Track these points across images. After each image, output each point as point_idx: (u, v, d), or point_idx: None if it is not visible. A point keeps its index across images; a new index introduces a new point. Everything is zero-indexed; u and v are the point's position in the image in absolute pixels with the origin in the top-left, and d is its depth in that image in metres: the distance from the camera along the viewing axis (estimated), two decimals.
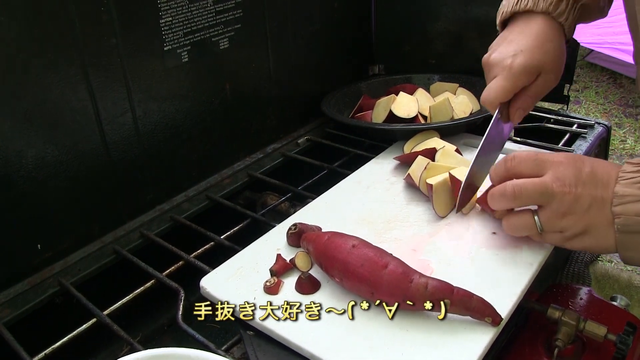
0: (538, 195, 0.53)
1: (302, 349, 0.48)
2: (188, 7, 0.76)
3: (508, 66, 0.61)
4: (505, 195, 0.55)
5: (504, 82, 0.62)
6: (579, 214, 0.51)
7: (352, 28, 1.08)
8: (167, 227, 0.77)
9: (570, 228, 0.53)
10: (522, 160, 0.55)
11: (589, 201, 0.51)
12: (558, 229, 0.53)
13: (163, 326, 0.80)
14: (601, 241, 0.52)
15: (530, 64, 0.61)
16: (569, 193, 0.51)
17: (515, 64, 0.61)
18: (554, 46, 0.63)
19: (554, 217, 0.53)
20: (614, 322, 0.60)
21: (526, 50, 0.62)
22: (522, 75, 0.61)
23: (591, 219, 0.51)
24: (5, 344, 0.57)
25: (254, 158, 0.93)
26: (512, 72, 0.61)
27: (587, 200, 0.51)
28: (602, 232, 0.51)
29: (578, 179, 0.52)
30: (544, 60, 0.62)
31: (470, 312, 0.48)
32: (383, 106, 0.91)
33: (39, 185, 0.65)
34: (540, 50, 0.62)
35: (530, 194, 0.53)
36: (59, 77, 0.64)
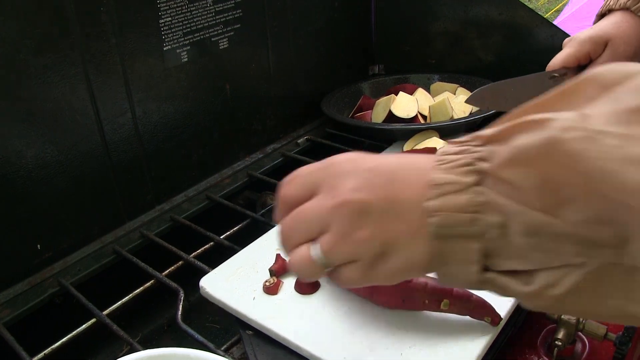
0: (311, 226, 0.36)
1: (302, 349, 0.48)
2: (188, 7, 0.76)
3: (575, 37, 0.67)
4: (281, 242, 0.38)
5: (568, 49, 0.67)
6: (370, 226, 0.34)
7: (352, 28, 1.08)
8: (167, 227, 0.77)
9: (363, 250, 0.34)
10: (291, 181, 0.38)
11: (384, 206, 0.34)
12: (347, 256, 0.35)
13: (163, 326, 0.80)
14: (411, 258, 0.34)
15: (596, 34, 0.66)
16: (348, 204, 0.34)
17: (582, 34, 0.67)
18: (628, 25, 0.67)
19: (336, 241, 0.35)
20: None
21: (596, 27, 0.67)
22: (587, 43, 0.66)
23: (390, 229, 0.34)
24: (5, 344, 0.57)
25: (254, 158, 0.93)
26: (577, 40, 0.67)
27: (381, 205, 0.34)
28: (410, 246, 0.34)
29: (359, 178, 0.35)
30: (612, 32, 0.66)
31: (470, 312, 0.48)
32: (383, 106, 0.91)
33: (39, 185, 0.65)
34: (611, 25, 0.67)
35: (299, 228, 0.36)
36: (59, 77, 0.65)
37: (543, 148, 0.29)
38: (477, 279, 0.32)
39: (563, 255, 0.29)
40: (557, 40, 0.91)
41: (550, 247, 0.29)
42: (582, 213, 0.28)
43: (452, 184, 0.32)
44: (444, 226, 0.32)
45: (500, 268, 0.31)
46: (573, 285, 0.29)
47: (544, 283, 0.30)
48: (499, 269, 0.32)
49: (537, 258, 0.30)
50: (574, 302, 0.30)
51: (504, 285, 0.32)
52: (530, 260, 0.30)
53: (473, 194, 0.31)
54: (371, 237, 0.34)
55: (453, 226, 0.31)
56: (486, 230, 0.31)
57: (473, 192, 0.31)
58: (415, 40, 1.08)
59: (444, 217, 0.32)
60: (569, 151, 0.28)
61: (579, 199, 0.28)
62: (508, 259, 0.31)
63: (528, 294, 0.31)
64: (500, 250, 0.31)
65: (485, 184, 0.31)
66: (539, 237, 0.29)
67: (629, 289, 0.28)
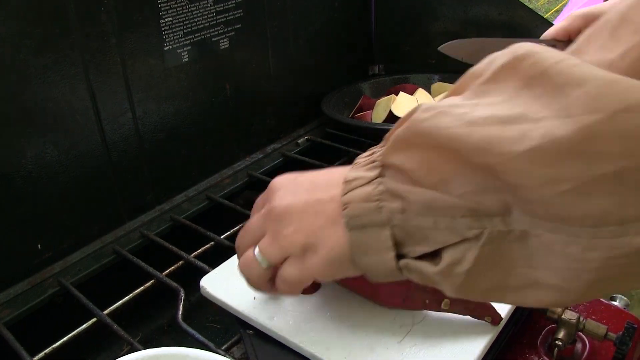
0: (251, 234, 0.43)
1: (302, 349, 0.48)
2: (188, 7, 0.76)
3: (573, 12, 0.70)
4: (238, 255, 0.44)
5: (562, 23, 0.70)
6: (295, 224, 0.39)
7: (352, 28, 1.08)
8: (167, 227, 0.77)
9: (290, 245, 0.39)
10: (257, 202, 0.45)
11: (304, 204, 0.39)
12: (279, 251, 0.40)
13: (163, 326, 0.80)
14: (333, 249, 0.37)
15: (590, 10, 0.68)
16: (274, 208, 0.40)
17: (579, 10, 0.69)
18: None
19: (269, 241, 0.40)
20: (613, 321, 0.60)
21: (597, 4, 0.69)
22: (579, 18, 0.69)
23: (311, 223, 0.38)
24: (5, 344, 0.57)
25: (254, 158, 0.93)
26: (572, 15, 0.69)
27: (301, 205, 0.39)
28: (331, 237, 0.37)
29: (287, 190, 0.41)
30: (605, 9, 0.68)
31: (470, 312, 0.48)
32: (383, 106, 0.91)
33: (39, 185, 0.65)
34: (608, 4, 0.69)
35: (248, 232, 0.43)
36: (59, 77, 0.65)
37: (407, 131, 0.33)
38: (395, 266, 0.35)
39: (459, 230, 0.31)
40: None
41: (446, 223, 0.32)
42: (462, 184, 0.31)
43: (359, 179, 0.36)
44: (354, 216, 0.35)
45: (413, 254, 0.34)
46: (476, 258, 0.31)
47: (449, 261, 0.32)
48: (412, 255, 0.34)
49: (438, 237, 0.32)
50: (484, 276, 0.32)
51: (418, 269, 0.34)
52: (433, 240, 0.33)
53: (375, 185, 0.35)
54: (295, 232, 0.38)
55: (362, 215, 0.35)
56: (391, 216, 0.34)
57: (376, 183, 0.35)
58: (415, 40, 1.08)
59: (352, 207, 0.35)
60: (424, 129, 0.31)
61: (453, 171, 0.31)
62: (416, 244, 0.34)
63: (438, 273, 0.33)
64: (407, 236, 0.34)
65: (386, 175, 0.35)
66: (434, 214, 0.32)
67: (527, 255, 0.30)
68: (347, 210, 0.36)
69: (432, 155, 0.31)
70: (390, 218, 0.34)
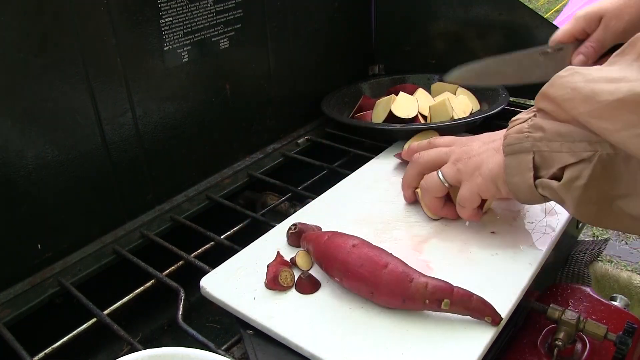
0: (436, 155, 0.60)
1: (302, 349, 0.48)
2: (188, 7, 0.76)
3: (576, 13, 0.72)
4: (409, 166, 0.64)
5: (566, 26, 0.72)
6: (474, 152, 0.56)
7: (352, 28, 1.08)
8: (167, 227, 0.77)
9: (465, 167, 0.56)
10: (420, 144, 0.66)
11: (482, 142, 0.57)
12: (457, 175, 0.57)
13: (163, 326, 0.80)
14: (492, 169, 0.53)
15: (591, 10, 0.70)
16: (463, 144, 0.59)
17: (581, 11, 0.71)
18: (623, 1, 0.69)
19: (451, 166, 0.58)
20: (613, 322, 0.61)
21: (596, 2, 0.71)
22: (582, 19, 0.70)
23: (485, 153, 0.55)
24: (5, 344, 0.57)
25: (254, 158, 0.93)
26: (575, 17, 0.71)
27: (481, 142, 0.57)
28: (493, 160, 0.53)
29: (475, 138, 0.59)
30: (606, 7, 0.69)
31: (470, 312, 0.48)
32: (383, 106, 0.91)
33: (39, 185, 0.65)
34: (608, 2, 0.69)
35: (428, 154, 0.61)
36: (59, 77, 0.65)
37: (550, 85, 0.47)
38: (532, 184, 0.49)
39: (577, 152, 0.44)
40: None
41: (568, 146, 0.45)
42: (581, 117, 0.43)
43: (519, 119, 0.51)
44: (509, 144, 0.50)
45: (545, 176, 0.48)
46: (590, 175, 0.44)
47: (569, 177, 0.45)
48: (545, 176, 0.48)
49: (562, 158, 0.46)
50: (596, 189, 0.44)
51: (548, 185, 0.48)
52: (558, 161, 0.46)
53: (529, 122, 0.49)
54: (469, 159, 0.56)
55: (514, 144, 0.50)
56: (533, 143, 0.48)
57: (529, 120, 0.50)
58: (415, 40, 1.08)
59: (509, 138, 0.51)
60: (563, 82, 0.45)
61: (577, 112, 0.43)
62: (548, 167, 0.47)
63: (561, 187, 0.46)
64: (542, 160, 0.48)
65: (536, 115, 0.49)
66: (561, 139, 0.46)
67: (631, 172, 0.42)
68: (505, 140, 0.51)
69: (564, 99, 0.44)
70: (532, 145, 0.48)
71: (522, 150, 0.49)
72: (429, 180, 0.60)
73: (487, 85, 0.88)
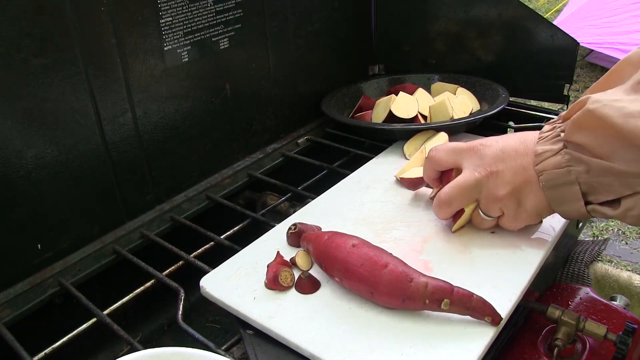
0: (468, 192, 0.56)
1: (302, 349, 0.48)
2: (188, 7, 0.76)
3: None
4: (441, 205, 0.58)
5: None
6: (508, 188, 0.54)
7: (352, 28, 1.08)
8: (167, 227, 0.77)
9: (507, 205, 0.55)
10: (439, 151, 0.60)
11: (511, 173, 0.53)
12: (499, 211, 0.56)
13: (163, 326, 0.80)
14: (537, 205, 0.54)
15: None
16: (491, 174, 0.54)
17: None
18: None
19: (490, 202, 0.56)
20: (613, 322, 0.61)
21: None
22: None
23: (520, 188, 0.53)
24: (5, 344, 0.57)
25: (254, 158, 0.93)
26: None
27: (510, 172, 0.53)
28: (533, 196, 0.53)
29: (495, 158, 0.55)
30: None
31: (470, 312, 0.48)
32: (383, 106, 0.91)
33: (39, 185, 0.65)
34: None
35: (460, 194, 0.57)
36: (59, 77, 0.65)
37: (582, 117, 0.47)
38: (584, 211, 0.51)
39: (632, 186, 0.46)
40: (557, 40, 0.91)
41: (620, 181, 0.46)
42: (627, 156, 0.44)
43: (548, 152, 0.51)
44: (550, 179, 0.51)
45: (597, 201, 0.49)
46: None
47: (625, 207, 0.47)
48: (596, 202, 0.49)
49: (615, 190, 0.47)
50: None
51: (602, 212, 0.50)
52: (612, 192, 0.48)
53: (562, 154, 0.50)
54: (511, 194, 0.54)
55: (555, 178, 0.50)
56: (578, 176, 0.49)
57: (562, 153, 0.50)
58: (415, 40, 1.08)
59: (547, 174, 0.51)
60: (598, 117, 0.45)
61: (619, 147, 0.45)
62: (599, 194, 0.49)
63: (617, 216, 0.48)
64: (591, 189, 0.49)
65: (568, 147, 0.49)
66: (610, 175, 0.46)
67: None
68: (542, 176, 0.51)
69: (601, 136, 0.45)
70: (577, 177, 0.49)
71: (567, 183, 0.50)
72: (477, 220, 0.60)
73: None
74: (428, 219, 0.65)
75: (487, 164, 0.55)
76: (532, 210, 0.54)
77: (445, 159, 0.59)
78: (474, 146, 0.57)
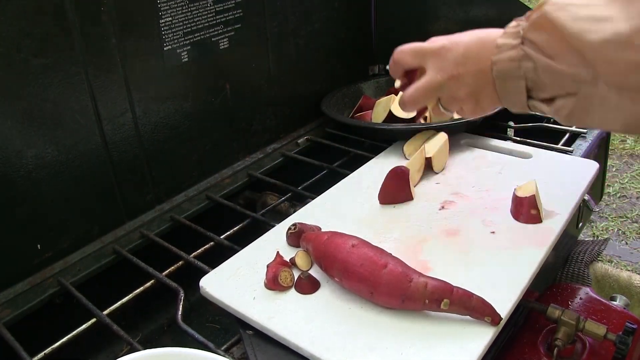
0: (430, 93, 0.61)
1: (302, 349, 0.48)
2: (188, 7, 0.76)
3: None
4: (406, 105, 0.64)
5: None
6: (467, 90, 0.58)
7: (352, 28, 1.08)
8: (167, 227, 0.77)
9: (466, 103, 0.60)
10: (403, 52, 0.64)
11: (471, 76, 0.57)
12: (458, 108, 0.62)
13: (163, 326, 0.80)
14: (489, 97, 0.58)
15: None
16: (452, 77, 0.58)
17: None
18: None
19: (451, 101, 0.61)
20: (613, 322, 0.61)
21: None
22: None
23: (478, 90, 0.58)
24: (6, 344, 0.57)
25: (254, 158, 0.93)
26: None
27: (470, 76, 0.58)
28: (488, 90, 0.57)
29: (456, 62, 0.58)
30: None
31: (470, 312, 0.48)
32: (383, 106, 0.91)
33: (39, 185, 0.65)
34: None
35: (423, 95, 0.62)
36: (59, 77, 0.65)
37: (539, 19, 0.49)
38: (526, 103, 0.54)
39: (565, 87, 0.49)
40: None
41: (558, 81, 0.49)
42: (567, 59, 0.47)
43: (507, 45, 0.53)
44: (501, 71, 0.53)
45: (537, 98, 0.53)
46: (573, 106, 0.49)
47: (557, 106, 0.51)
48: (537, 98, 0.53)
49: (552, 89, 0.51)
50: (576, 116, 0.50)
51: (539, 108, 0.53)
52: (549, 90, 0.51)
53: (518, 50, 0.51)
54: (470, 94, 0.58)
55: (508, 70, 0.53)
56: (526, 72, 0.51)
57: (518, 49, 0.51)
58: (415, 40, 1.08)
59: (501, 64, 0.53)
60: (550, 19, 0.47)
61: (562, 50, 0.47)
62: (539, 92, 0.52)
63: (550, 113, 0.52)
64: (535, 85, 0.52)
65: (525, 44, 0.51)
66: (551, 74, 0.49)
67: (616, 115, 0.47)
68: (496, 66, 0.54)
69: (551, 36, 0.48)
70: (525, 72, 0.52)
71: (515, 77, 0.53)
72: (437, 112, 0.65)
73: None
74: (428, 219, 0.65)
75: (449, 68, 0.58)
76: (488, 106, 0.60)
77: (410, 60, 0.63)
78: (437, 49, 0.60)
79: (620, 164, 2.40)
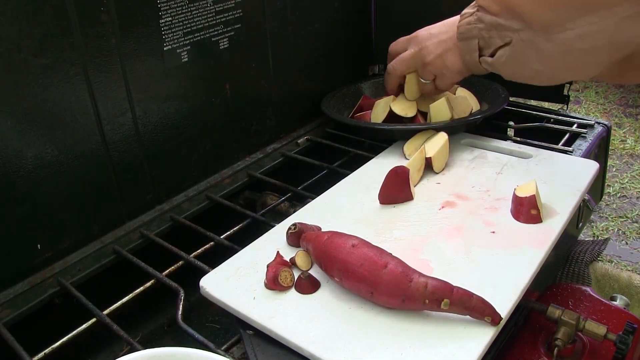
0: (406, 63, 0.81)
1: (302, 349, 0.48)
2: (188, 7, 0.76)
3: None
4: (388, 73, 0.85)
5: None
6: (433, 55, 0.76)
7: (352, 28, 1.08)
8: (167, 227, 0.77)
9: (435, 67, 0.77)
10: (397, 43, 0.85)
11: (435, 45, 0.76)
12: (431, 74, 0.80)
13: (163, 326, 0.80)
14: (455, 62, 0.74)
15: None
16: (422, 48, 0.78)
17: None
18: None
19: (423, 67, 0.79)
20: (613, 321, 0.61)
21: None
22: None
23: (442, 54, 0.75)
24: (5, 344, 0.57)
25: (254, 158, 0.93)
26: None
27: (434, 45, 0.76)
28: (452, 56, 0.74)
29: (425, 37, 0.78)
30: None
31: (470, 312, 0.48)
32: (383, 106, 0.91)
33: (39, 185, 0.65)
34: None
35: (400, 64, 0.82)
36: (59, 77, 0.65)
37: None
38: (478, 60, 0.70)
39: (503, 38, 0.64)
40: None
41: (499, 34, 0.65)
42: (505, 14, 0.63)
43: (467, 13, 0.70)
44: (462, 33, 0.70)
45: (486, 54, 0.68)
46: (510, 54, 0.64)
47: (498, 56, 0.66)
48: (486, 55, 0.68)
49: (495, 42, 0.66)
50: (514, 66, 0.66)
51: (486, 61, 0.69)
52: (493, 45, 0.66)
53: (474, 15, 0.68)
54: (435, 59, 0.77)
55: (465, 32, 0.70)
56: (478, 32, 0.68)
57: (475, 15, 0.68)
58: None
59: (461, 28, 0.70)
60: None
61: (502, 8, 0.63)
62: (487, 48, 0.68)
63: (492, 64, 0.68)
64: (485, 44, 0.68)
65: (478, 9, 0.67)
66: (496, 29, 0.65)
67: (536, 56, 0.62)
68: (459, 29, 0.71)
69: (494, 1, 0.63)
70: (477, 33, 0.68)
71: (470, 37, 0.69)
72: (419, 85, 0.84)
73: None
74: (428, 219, 0.65)
75: (420, 42, 0.78)
76: (454, 68, 0.75)
77: (400, 46, 0.83)
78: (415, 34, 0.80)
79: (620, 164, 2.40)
